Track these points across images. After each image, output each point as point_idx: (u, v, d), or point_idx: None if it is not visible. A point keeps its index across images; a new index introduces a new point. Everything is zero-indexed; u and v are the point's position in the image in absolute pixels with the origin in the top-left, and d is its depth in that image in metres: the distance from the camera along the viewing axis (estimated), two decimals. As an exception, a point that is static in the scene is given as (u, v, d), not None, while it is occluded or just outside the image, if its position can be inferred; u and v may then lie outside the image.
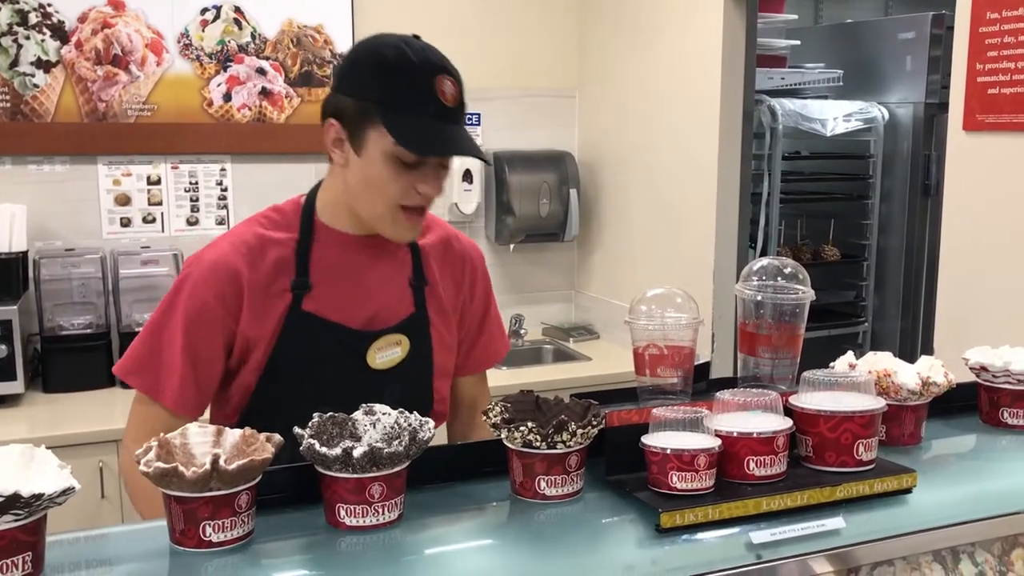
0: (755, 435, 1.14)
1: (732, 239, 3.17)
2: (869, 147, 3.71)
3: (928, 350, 2.49)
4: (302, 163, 3.52)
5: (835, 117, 3.55)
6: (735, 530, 1.10)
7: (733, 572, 1.07)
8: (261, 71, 3.41)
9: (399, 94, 1.43)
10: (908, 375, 1.31)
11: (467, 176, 3.67)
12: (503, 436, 1.14)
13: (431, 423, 1.11)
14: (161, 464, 0.96)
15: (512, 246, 3.86)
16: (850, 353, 1.40)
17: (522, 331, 3.80)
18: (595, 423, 1.15)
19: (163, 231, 3.36)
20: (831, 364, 1.37)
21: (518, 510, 1.15)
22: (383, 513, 1.06)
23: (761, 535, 1.09)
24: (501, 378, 3.00)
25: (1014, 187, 2.25)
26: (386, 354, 1.61)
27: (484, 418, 1.18)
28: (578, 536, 1.10)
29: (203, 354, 1.53)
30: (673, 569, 1.05)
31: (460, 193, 3.68)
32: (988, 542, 1.24)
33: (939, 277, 2.47)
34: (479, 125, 3.76)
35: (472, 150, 1.49)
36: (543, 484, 1.14)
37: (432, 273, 1.67)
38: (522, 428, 1.12)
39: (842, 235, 3.78)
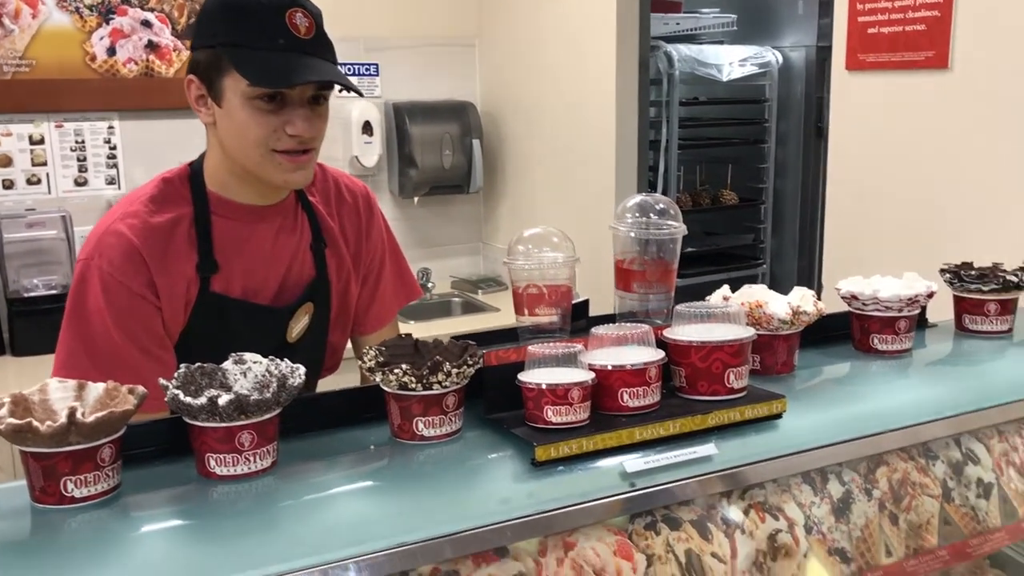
0: (628, 367, 1.16)
1: (632, 186, 3.21)
2: (764, 91, 3.78)
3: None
4: (195, 118, 3.40)
5: (731, 62, 3.61)
6: (609, 460, 1.12)
7: (608, 500, 1.09)
8: (146, 23, 3.29)
9: (246, 33, 1.38)
10: (779, 305, 1.35)
11: (367, 128, 3.62)
12: (378, 379, 1.14)
13: (302, 369, 1.09)
14: (13, 420, 0.93)
15: (416, 199, 3.83)
16: (726, 287, 1.43)
17: (430, 285, 3.79)
18: (471, 363, 1.15)
19: (50, 192, 3.23)
20: (706, 298, 1.40)
21: (397, 452, 1.15)
22: (255, 461, 1.04)
23: (635, 464, 1.12)
24: (410, 332, 3.00)
25: (893, 124, 2.32)
26: (301, 325, 1.59)
27: (360, 363, 1.17)
28: (456, 474, 1.11)
29: (152, 341, 1.43)
30: (549, 500, 1.06)
31: (360, 146, 3.63)
32: (855, 462, 1.30)
33: (825, 214, 2.54)
34: (377, 76, 3.70)
35: (329, 76, 1.41)
36: (421, 425, 1.14)
37: (330, 230, 1.64)
38: (396, 370, 1.11)
39: (740, 180, 3.86)
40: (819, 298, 1.41)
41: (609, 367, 1.16)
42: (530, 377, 1.15)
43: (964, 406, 1.37)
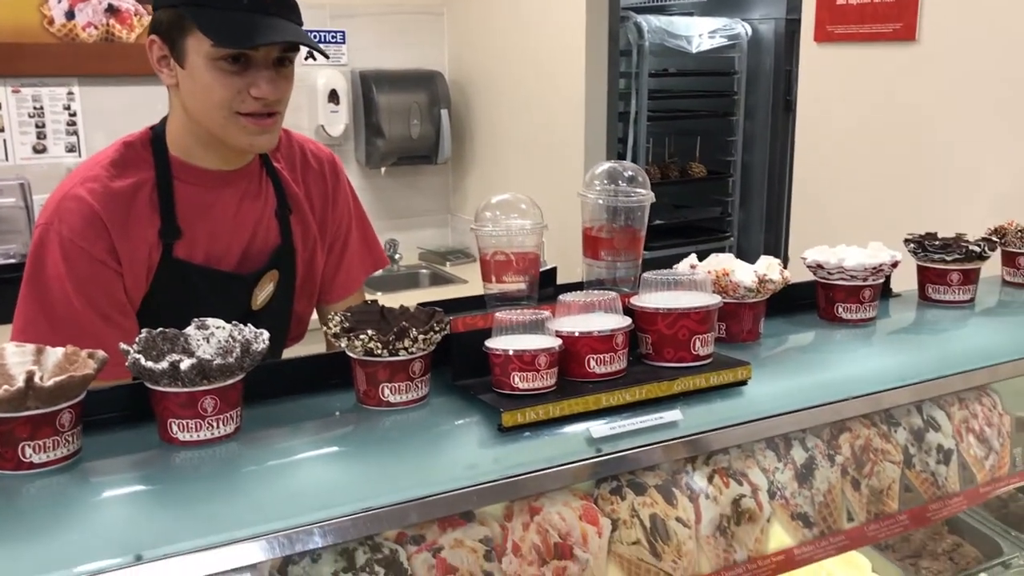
0: (595, 333, 1.16)
1: (600, 157, 3.20)
2: (734, 64, 3.78)
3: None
4: (157, 85, 3.33)
5: (700, 34, 3.60)
6: (576, 426, 1.12)
7: (574, 466, 1.09)
8: (106, -14, 3.21)
9: None
10: (745, 273, 1.35)
11: (333, 97, 3.57)
12: (344, 345, 1.13)
13: (266, 335, 1.08)
14: (-31, 385, 0.91)
15: (383, 169, 3.80)
16: (693, 255, 1.43)
17: (397, 256, 3.77)
18: (437, 329, 1.14)
19: (7, 159, 3.16)
20: (674, 266, 1.40)
21: (363, 418, 1.14)
22: (218, 427, 1.03)
23: (600, 429, 1.12)
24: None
25: (861, 96, 2.33)
26: (266, 293, 1.57)
27: (325, 329, 1.16)
28: (422, 440, 1.10)
29: (113, 308, 1.41)
30: (514, 466, 1.06)
31: (327, 115, 3.58)
32: (818, 428, 1.31)
33: (792, 185, 2.55)
34: (344, 44, 3.65)
35: (294, 36, 1.39)
36: (387, 391, 1.13)
37: (296, 197, 1.61)
38: (362, 336, 1.10)
39: (709, 152, 3.87)
40: (785, 268, 1.42)
41: (576, 334, 1.16)
42: (497, 344, 1.14)
43: (926, 374, 1.39)
